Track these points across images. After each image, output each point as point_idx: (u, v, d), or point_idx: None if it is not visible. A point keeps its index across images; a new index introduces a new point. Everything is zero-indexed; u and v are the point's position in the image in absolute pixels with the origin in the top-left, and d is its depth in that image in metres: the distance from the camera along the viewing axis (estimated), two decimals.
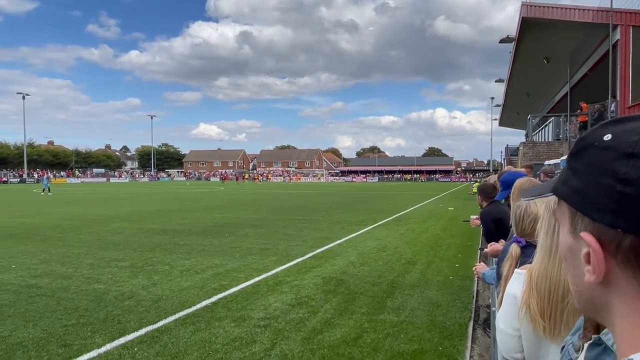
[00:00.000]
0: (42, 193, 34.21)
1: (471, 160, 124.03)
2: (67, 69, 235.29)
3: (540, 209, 1.96)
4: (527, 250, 2.01)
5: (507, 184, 3.53)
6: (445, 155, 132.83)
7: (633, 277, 0.47)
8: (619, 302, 0.50)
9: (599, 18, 15.07)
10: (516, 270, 1.82)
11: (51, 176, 53.60)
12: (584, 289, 0.53)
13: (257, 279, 6.97)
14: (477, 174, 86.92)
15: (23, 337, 4.57)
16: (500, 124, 50.41)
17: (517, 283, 1.75)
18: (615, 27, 14.63)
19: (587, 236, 0.50)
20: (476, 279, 6.62)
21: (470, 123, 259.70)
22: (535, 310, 1.64)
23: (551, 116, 21.86)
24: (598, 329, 0.62)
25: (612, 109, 15.27)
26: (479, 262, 5.09)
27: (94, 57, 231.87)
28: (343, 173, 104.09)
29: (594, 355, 0.59)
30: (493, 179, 8.26)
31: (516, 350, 1.79)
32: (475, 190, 5.71)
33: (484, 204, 4.80)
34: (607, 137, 0.50)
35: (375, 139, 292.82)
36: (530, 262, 1.66)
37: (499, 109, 43.01)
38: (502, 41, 21.73)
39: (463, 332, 4.80)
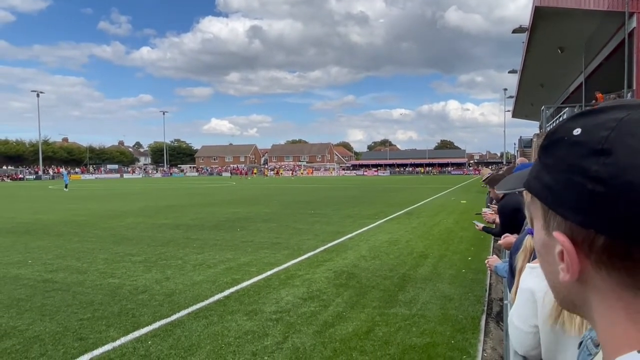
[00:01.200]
0: (65, 189, 33.89)
1: (484, 153, 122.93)
2: (80, 67, 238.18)
3: None
4: None
5: None
6: (457, 147, 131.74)
7: (608, 276, 0.46)
8: (597, 300, 0.48)
9: (615, 6, 14.74)
10: (529, 264, 1.78)
11: (66, 172, 54.66)
12: (560, 287, 0.51)
13: (268, 272, 7.01)
14: (489, 167, 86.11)
15: (40, 331, 4.65)
16: (514, 116, 49.85)
17: (531, 277, 1.71)
18: (631, 15, 14.31)
19: (559, 236, 0.48)
20: (489, 272, 6.57)
21: (482, 115, 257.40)
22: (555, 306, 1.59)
23: (566, 107, 21.54)
24: None
25: (628, 98, 14.98)
26: (492, 255, 5.05)
27: (106, 54, 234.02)
28: (354, 167, 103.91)
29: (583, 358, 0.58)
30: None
31: (533, 347, 1.74)
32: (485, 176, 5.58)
33: (501, 194, 4.77)
34: (577, 131, 0.48)
35: (386, 132, 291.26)
36: None
37: (512, 101, 42.51)
38: (515, 31, 21.42)
39: (476, 326, 4.77)
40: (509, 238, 3.38)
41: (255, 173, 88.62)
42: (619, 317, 0.46)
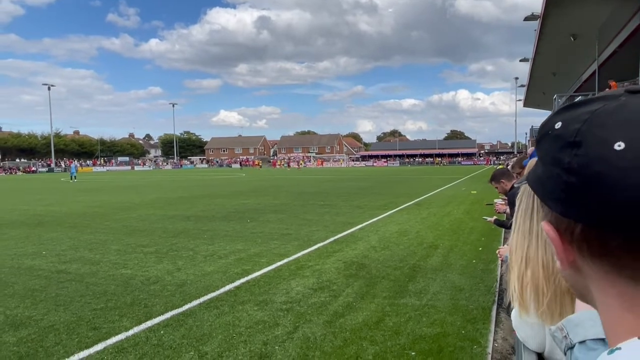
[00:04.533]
0: (70, 180, 35.96)
1: (495, 143, 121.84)
2: (90, 59, 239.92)
3: None
4: None
5: None
6: (467, 138, 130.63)
7: (593, 264, 0.48)
8: (594, 287, 0.50)
9: None
10: None
11: (78, 165, 56.04)
12: (565, 275, 0.54)
13: (279, 263, 7.04)
14: (500, 157, 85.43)
15: (54, 321, 4.73)
16: (525, 105, 49.20)
17: None
18: None
19: (545, 225, 0.51)
20: (500, 262, 6.54)
21: (493, 104, 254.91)
22: (519, 297, 1.58)
23: (578, 95, 21.23)
24: None
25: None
26: (503, 245, 5.02)
27: (115, 46, 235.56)
28: (364, 157, 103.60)
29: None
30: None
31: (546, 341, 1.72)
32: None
33: (509, 186, 4.74)
34: (558, 125, 0.49)
35: (396, 123, 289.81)
36: None
37: (524, 89, 41.96)
38: (526, 19, 21.09)
39: (486, 316, 4.76)
40: (504, 250, 3.40)
41: (259, 164, 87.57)
42: (614, 304, 0.48)
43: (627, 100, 0.46)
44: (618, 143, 0.42)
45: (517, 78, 59.94)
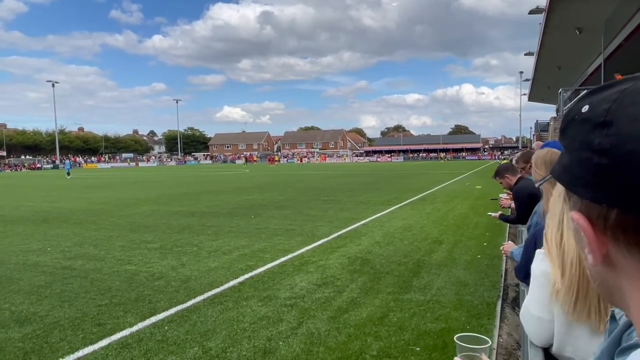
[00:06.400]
0: (67, 177, 37.14)
1: (499, 137, 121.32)
2: (93, 56, 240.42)
3: None
4: None
5: None
6: (472, 132, 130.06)
7: (629, 254, 0.44)
8: (627, 282, 0.46)
9: None
10: (538, 250, 1.72)
11: (72, 161, 57.60)
12: (594, 273, 0.50)
13: (283, 259, 7.04)
14: (505, 152, 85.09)
15: (59, 317, 4.75)
16: (530, 99, 48.89)
17: (543, 263, 1.65)
18: None
19: (575, 215, 0.47)
20: (504, 257, 6.50)
21: (498, 99, 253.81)
22: (559, 287, 1.54)
23: (584, 89, 21.05)
24: None
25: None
26: (507, 241, 4.99)
27: (119, 43, 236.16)
28: (367, 153, 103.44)
29: (612, 329, 0.56)
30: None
31: (552, 336, 1.67)
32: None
33: (513, 181, 4.71)
34: (585, 108, 0.47)
35: (400, 118, 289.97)
36: None
37: (528, 84, 41.67)
38: (531, 12, 20.90)
39: (491, 311, 4.74)
40: (508, 246, 3.38)
41: (255, 160, 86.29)
42: None
43: None
44: None
45: (521, 72, 59.60)
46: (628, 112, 0.42)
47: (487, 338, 1.58)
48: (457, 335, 1.61)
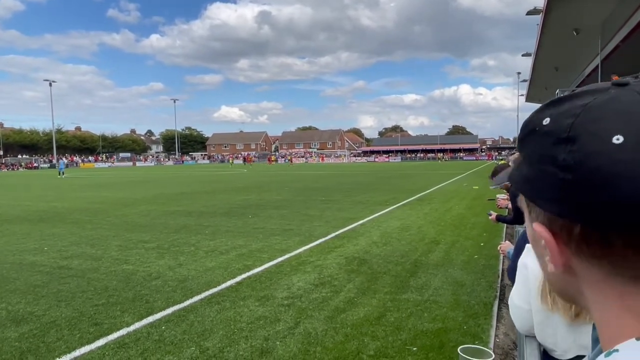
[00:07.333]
0: (62, 176, 37.76)
1: (496, 138, 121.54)
2: (91, 55, 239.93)
3: None
4: None
5: None
6: (469, 133, 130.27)
7: (592, 265, 0.45)
8: (590, 289, 0.47)
9: None
10: (527, 245, 1.78)
11: (66, 161, 57.96)
12: (554, 278, 0.51)
13: (280, 259, 7.04)
14: (502, 152, 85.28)
15: (56, 316, 4.74)
16: (527, 100, 48.93)
17: (528, 256, 1.71)
18: None
19: (537, 227, 0.48)
20: (501, 257, 6.53)
21: (495, 99, 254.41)
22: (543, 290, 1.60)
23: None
24: None
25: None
26: (504, 241, 5.01)
27: (116, 42, 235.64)
28: (365, 153, 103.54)
29: (595, 337, 0.56)
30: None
31: (533, 325, 1.75)
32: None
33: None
34: (546, 121, 0.47)
35: (397, 118, 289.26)
36: None
37: (526, 84, 41.75)
38: (529, 13, 20.97)
39: (488, 311, 4.75)
40: (506, 245, 3.40)
41: (251, 160, 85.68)
42: (613, 306, 0.45)
43: (618, 92, 0.44)
44: (616, 137, 0.41)
45: (519, 73, 59.58)
46: (591, 129, 0.42)
47: (490, 352, 1.59)
48: (460, 347, 1.62)
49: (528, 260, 1.69)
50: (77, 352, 3.92)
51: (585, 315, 1.57)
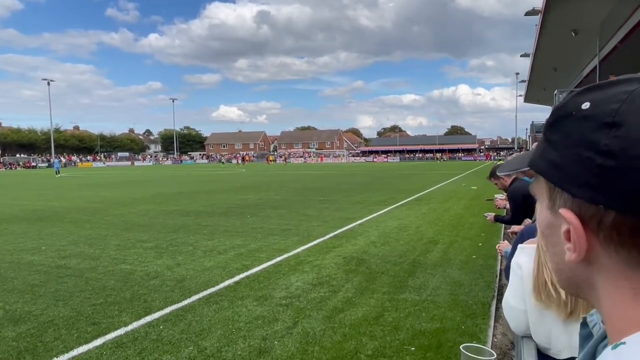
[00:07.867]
0: (58, 175, 38.21)
1: (495, 138, 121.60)
2: (89, 54, 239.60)
3: None
4: None
5: None
6: (468, 133, 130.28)
7: (616, 254, 0.44)
8: (603, 280, 0.47)
9: None
10: (519, 245, 1.79)
11: (63, 160, 58.27)
12: (565, 268, 0.50)
13: (278, 259, 7.04)
14: (501, 152, 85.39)
15: (54, 316, 4.73)
16: (526, 100, 49.05)
17: (521, 255, 1.72)
18: None
19: (566, 213, 0.46)
20: (499, 257, 6.54)
21: (494, 100, 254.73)
22: (548, 286, 1.59)
23: (579, 91, 21.12)
24: None
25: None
26: (503, 241, 5.01)
27: (115, 41, 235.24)
28: (364, 153, 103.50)
29: (584, 335, 0.56)
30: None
31: (528, 326, 1.75)
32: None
33: (508, 182, 4.73)
34: (586, 105, 0.46)
35: (396, 118, 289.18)
36: None
37: (524, 85, 41.81)
38: (527, 13, 21.01)
39: (486, 311, 4.76)
40: (504, 245, 3.41)
41: (247, 160, 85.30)
42: (626, 297, 0.45)
43: None
44: None
45: (517, 73, 59.68)
46: (638, 115, 0.42)
47: (492, 351, 1.60)
48: (463, 345, 1.63)
49: (522, 260, 1.70)
50: (75, 352, 3.91)
51: (578, 314, 1.57)
